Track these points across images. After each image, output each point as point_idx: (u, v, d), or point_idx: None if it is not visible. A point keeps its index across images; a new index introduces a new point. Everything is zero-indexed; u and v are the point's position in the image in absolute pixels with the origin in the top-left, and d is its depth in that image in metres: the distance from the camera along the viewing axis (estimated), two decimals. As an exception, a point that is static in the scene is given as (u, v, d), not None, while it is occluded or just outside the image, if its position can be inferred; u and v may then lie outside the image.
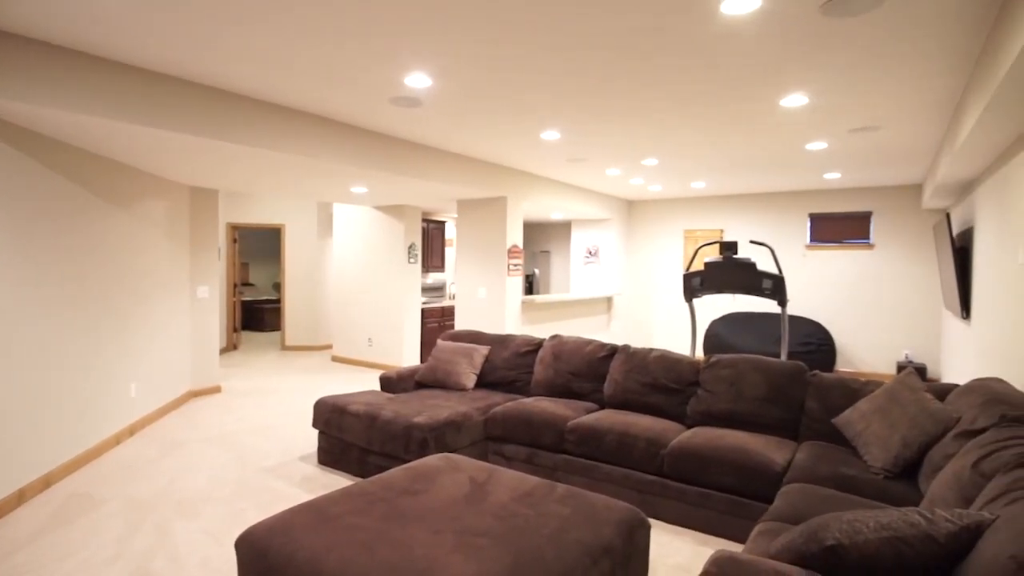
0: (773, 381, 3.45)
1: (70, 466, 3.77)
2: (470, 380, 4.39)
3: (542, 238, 11.09)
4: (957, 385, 3.04)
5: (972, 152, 3.66)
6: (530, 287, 10.13)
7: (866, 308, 7.59)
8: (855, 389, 3.26)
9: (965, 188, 5.26)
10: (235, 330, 9.45)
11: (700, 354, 8.63)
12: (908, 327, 7.35)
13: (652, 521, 3.17)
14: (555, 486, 2.53)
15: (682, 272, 8.95)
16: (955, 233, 5.70)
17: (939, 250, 5.75)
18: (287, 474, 3.77)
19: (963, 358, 5.12)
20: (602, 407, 4.01)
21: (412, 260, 7.56)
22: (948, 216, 4.79)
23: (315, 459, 4.05)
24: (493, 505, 2.32)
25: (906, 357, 7.33)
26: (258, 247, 13.99)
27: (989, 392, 2.62)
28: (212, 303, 6.08)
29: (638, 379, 3.85)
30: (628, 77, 3.35)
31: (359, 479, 3.69)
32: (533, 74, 3.32)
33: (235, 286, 9.42)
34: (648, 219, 9.27)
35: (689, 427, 3.60)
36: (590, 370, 4.11)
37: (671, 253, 9.07)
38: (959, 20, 2.57)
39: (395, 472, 2.65)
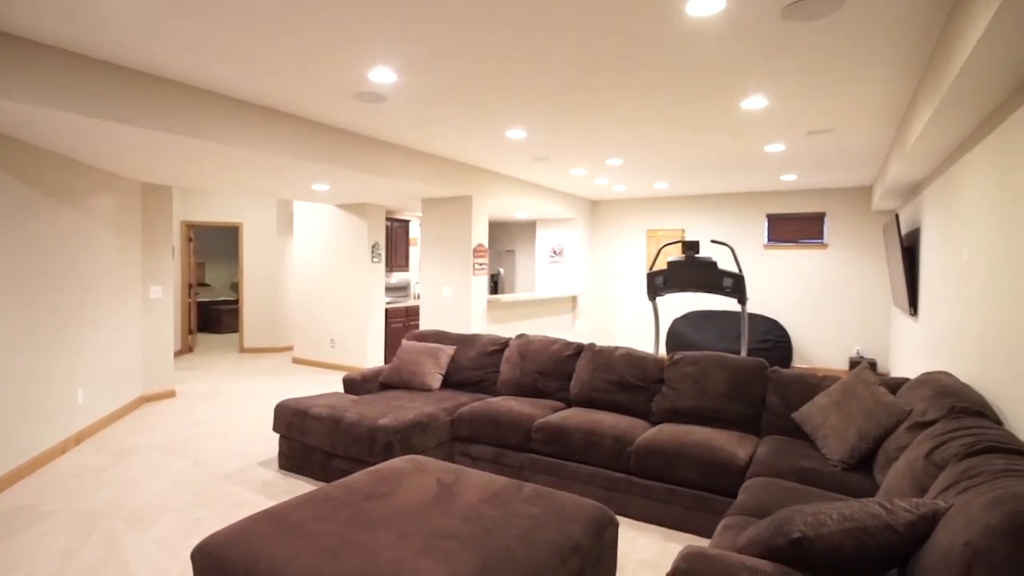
0: (735, 378, 3.52)
1: (11, 477, 3.56)
2: (436, 380, 4.34)
3: (507, 237, 11.09)
4: (907, 379, 3.16)
5: (920, 155, 3.81)
6: (495, 286, 10.12)
7: (820, 305, 7.85)
8: (813, 384, 3.36)
9: (913, 190, 5.49)
10: (191, 332, 9.13)
11: (663, 352, 8.77)
12: (859, 323, 7.63)
13: (619, 518, 3.19)
14: (523, 486, 2.52)
15: (645, 271, 9.08)
16: (903, 233, 5.94)
17: (888, 249, 5.98)
18: (247, 480, 3.65)
19: (911, 353, 5.34)
20: (569, 405, 4.02)
21: (376, 259, 7.44)
22: (897, 217, 4.99)
23: (276, 464, 3.94)
24: (461, 507, 2.30)
25: (857, 352, 7.61)
26: (215, 246, 13.56)
27: (938, 385, 2.73)
28: (165, 304, 5.85)
29: (604, 377, 3.87)
30: (594, 76, 3.36)
31: (322, 484, 3.61)
32: (498, 71, 3.30)
33: (190, 286, 9.10)
34: (612, 219, 9.37)
35: (654, 424, 3.64)
36: (556, 369, 4.11)
37: (634, 252, 9.19)
38: (910, 28, 2.67)
39: (360, 475, 2.59)
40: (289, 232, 9.15)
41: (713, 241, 5.59)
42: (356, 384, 4.33)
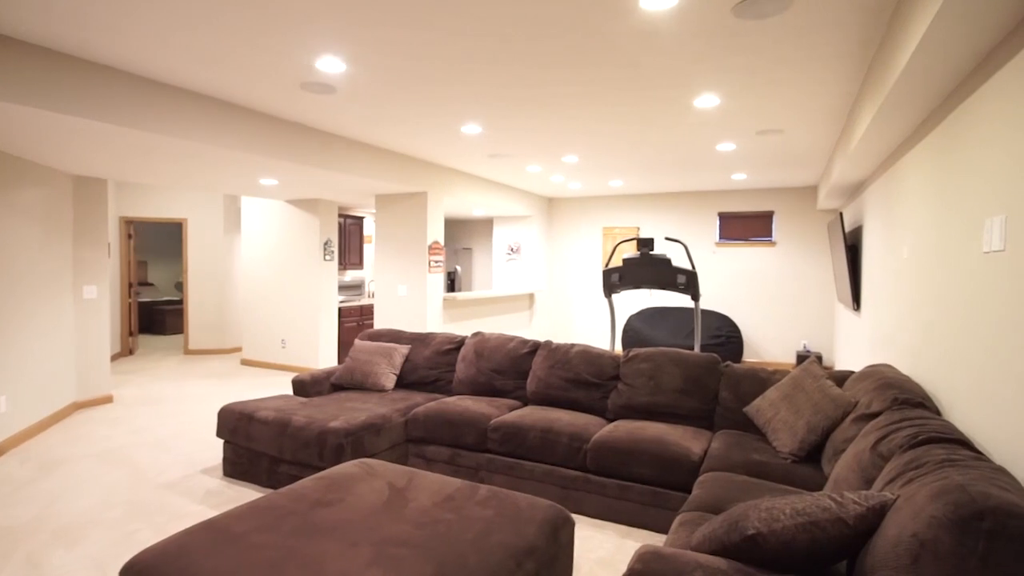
0: (689, 373, 3.56)
1: (-79, 494, 3.27)
2: (390, 381, 4.23)
3: (464, 234, 11.00)
4: (852, 372, 3.25)
5: (863, 155, 3.94)
6: (452, 284, 10.01)
7: (769, 302, 8.08)
8: (763, 378, 3.42)
9: (855, 189, 5.69)
10: (131, 334, 8.69)
11: (620, 348, 8.86)
12: (806, 319, 7.89)
13: (576, 516, 3.17)
14: (478, 487, 2.46)
15: (601, 268, 9.15)
16: (846, 231, 6.16)
17: (833, 247, 6.19)
18: (188, 490, 3.47)
19: (854, 347, 5.54)
20: (525, 404, 3.99)
21: (328, 257, 7.23)
22: (841, 215, 5.16)
23: (220, 471, 3.76)
24: (413, 512, 2.22)
25: (804, 347, 7.87)
26: (158, 244, 12.96)
27: (881, 377, 2.82)
28: (101, 304, 5.52)
29: (560, 375, 3.85)
30: (548, 71, 3.33)
31: (269, 491, 3.46)
32: (451, 63, 3.22)
33: (130, 286, 8.65)
34: (568, 216, 9.41)
35: (611, 421, 3.64)
36: (513, 367, 4.07)
37: (591, 250, 9.25)
38: (853, 30, 2.74)
39: (307, 482, 2.48)
40: (237, 229, 8.81)
41: (667, 238, 5.66)
42: (306, 386, 4.18)
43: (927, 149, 2.91)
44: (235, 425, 3.56)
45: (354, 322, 7.86)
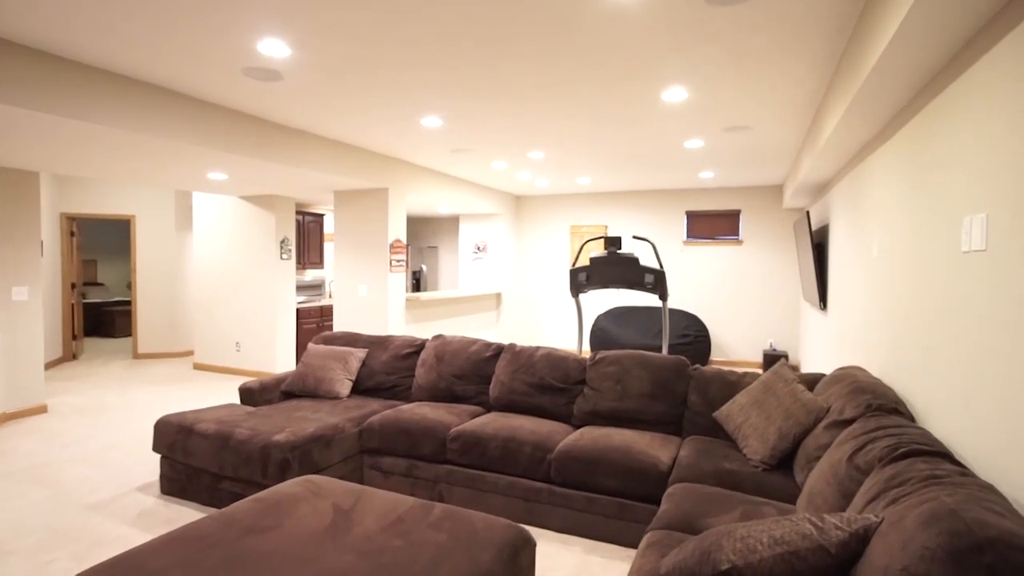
0: (656, 377, 3.42)
1: None
2: (345, 387, 3.99)
3: (429, 233, 10.74)
4: (823, 375, 3.16)
5: (831, 152, 3.87)
6: (418, 284, 9.76)
7: (736, 301, 8.06)
8: (733, 382, 3.31)
9: (822, 188, 5.67)
10: (74, 337, 8.20)
11: (587, 348, 8.75)
12: (772, 318, 7.89)
13: (539, 531, 3.00)
14: (432, 507, 2.27)
15: (569, 268, 9.02)
16: (813, 230, 6.14)
17: (799, 246, 6.17)
18: (120, 510, 3.18)
19: (821, 346, 5.52)
20: (488, 410, 3.80)
21: (285, 256, 6.92)
22: (808, 214, 5.11)
23: (158, 489, 3.48)
24: (358, 538, 2.02)
25: (771, 346, 7.88)
26: (108, 242, 12.36)
27: (853, 381, 2.72)
28: (34, 306, 5.13)
29: (524, 379, 3.68)
30: (512, 60, 3.14)
31: (212, 510, 3.20)
32: (406, 49, 3.01)
33: (73, 286, 8.16)
34: (536, 214, 9.25)
35: (576, 427, 3.48)
36: (475, 371, 3.88)
37: (559, 249, 9.11)
38: (823, 21, 2.63)
39: (242, 505, 2.25)
40: (189, 226, 8.39)
41: (635, 237, 5.54)
42: (254, 394, 3.91)
43: (899, 144, 2.83)
44: (173, 439, 3.29)
45: (314, 323, 7.56)
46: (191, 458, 3.21)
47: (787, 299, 7.83)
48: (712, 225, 8.19)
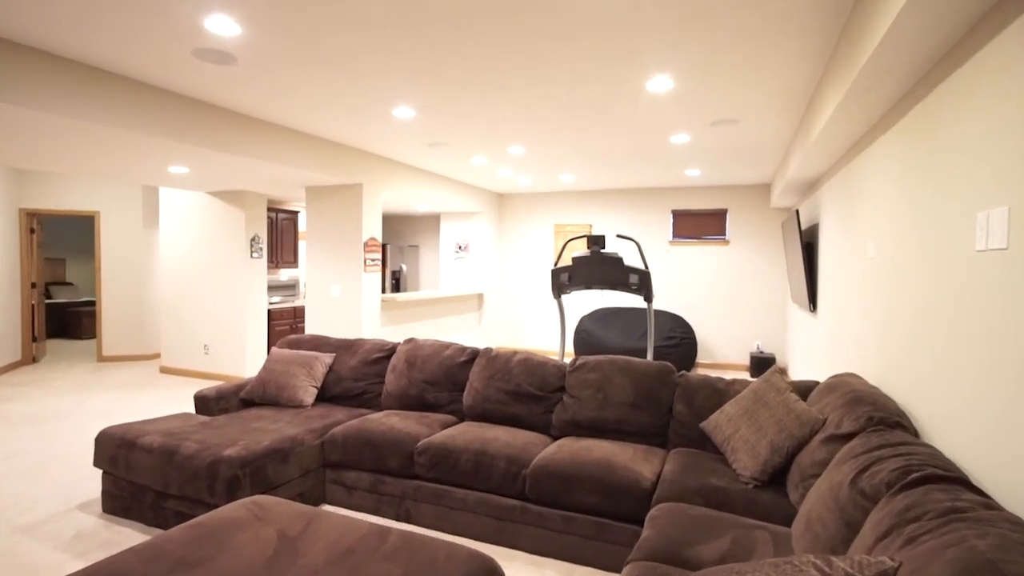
0: (640, 384, 3.20)
1: None
2: (309, 395, 3.73)
3: (409, 231, 10.47)
4: (817, 382, 2.97)
5: (824, 147, 3.68)
6: (397, 284, 9.49)
7: (723, 302, 7.90)
8: (721, 389, 3.10)
9: (811, 186, 5.50)
10: (34, 339, 7.83)
11: (570, 349, 8.54)
12: (759, 319, 7.74)
13: (512, 553, 2.77)
14: (388, 534, 2.03)
15: (552, 267, 8.80)
16: (802, 229, 5.98)
17: (787, 246, 6.01)
18: (54, 532, 2.90)
19: (809, 349, 5.35)
20: (461, 419, 3.57)
21: (256, 254, 6.62)
22: (797, 213, 4.93)
23: (99, 507, 3.19)
24: (303, 572, 1.77)
25: (757, 348, 7.72)
26: (77, 240, 11.94)
27: (849, 390, 2.53)
28: (-22, 308, 4.80)
29: (500, 386, 3.44)
30: (485, 43, 2.91)
31: (156, 531, 2.93)
32: (371, 30, 2.76)
33: (33, 285, 7.79)
34: (518, 213, 9.02)
35: (555, 438, 3.26)
36: (448, 378, 3.64)
37: (542, 248, 8.89)
38: (818, 2, 2.43)
39: (173, 534, 1.99)
40: (157, 223, 8.05)
41: (619, 236, 5.33)
42: (209, 403, 3.63)
43: (900, 134, 2.63)
44: (114, 452, 3.01)
45: (287, 325, 7.27)
46: (134, 474, 2.94)
47: (774, 300, 7.68)
48: (698, 224, 8.02)
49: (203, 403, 3.64)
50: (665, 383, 3.21)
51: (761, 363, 7.23)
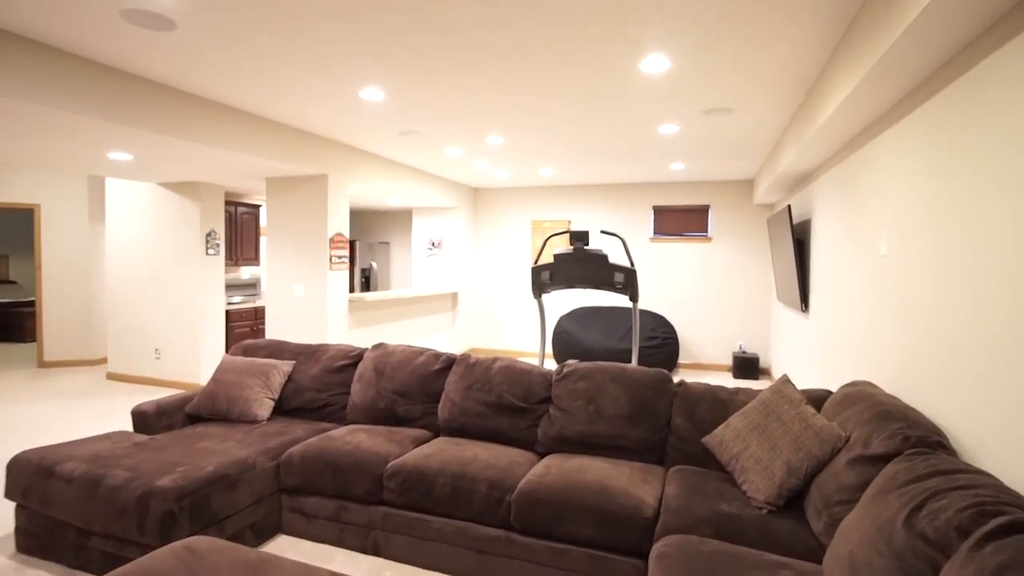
0: (635, 395, 2.90)
1: None
2: (264, 408, 3.33)
3: (380, 227, 10.03)
4: (829, 392, 2.70)
5: (827, 137, 3.43)
6: (367, 282, 9.05)
7: (705, 301, 7.69)
8: (724, 400, 2.81)
9: (801, 181, 5.29)
10: (-34, 343, 7.18)
11: (550, 350, 8.24)
12: (742, 319, 7.55)
13: (496, 589, 2.44)
14: (349, 590, 1.67)
15: (531, 265, 8.48)
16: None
17: (775, 243, 5.80)
18: (-46, 576, 2.46)
19: (800, 352, 5.14)
20: (437, 434, 3.22)
21: (212, 251, 6.14)
22: (789, 208, 4.70)
23: (13, 545, 2.75)
24: (236, 650, 1.41)
25: (740, 348, 7.53)
26: (22, 235, 11.17)
27: (873, 403, 2.26)
28: None
29: (479, 397, 3.10)
30: (459, 13, 2.56)
31: (81, 574, 2.51)
32: (330, -10, 2.39)
33: (-35, 285, 7.14)
34: (495, 208, 8.67)
35: (541, 456, 2.94)
36: (421, 388, 3.28)
37: (520, 245, 8.56)
38: (848, -39, 2.15)
39: (78, 598, 1.60)
40: (104, 217, 7.46)
41: (603, 232, 5.04)
42: (149, 419, 3.21)
43: (927, 117, 2.37)
44: (29, 482, 2.57)
45: (247, 327, 6.79)
46: (51, 508, 2.51)
47: (758, 300, 7.49)
48: (680, 221, 7.79)
49: (142, 420, 3.21)
50: (662, 393, 2.91)
51: (744, 364, 7.04)
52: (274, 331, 5.66)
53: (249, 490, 2.68)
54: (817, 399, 2.66)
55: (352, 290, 8.76)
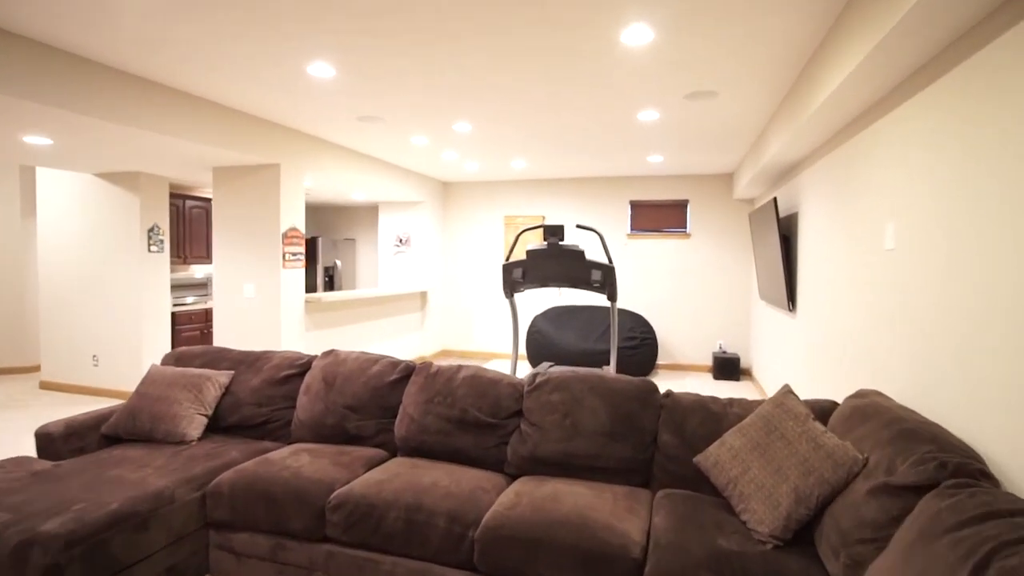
0: (617, 408, 2.56)
1: None
2: (195, 426, 2.90)
3: (345, 223, 9.56)
4: (835, 403, 2.40)
5: (823, 121, 3.14)
6: (331, 282, 8.58)
7: (683, 299, 7.43)
8: (716, 413, 2.49)
9: (786, 173, 5.03)
10: None
11: (523, 351, 7.90)
12: (721, 317, 7.31)
13: (458, 642, 2.08)
14: None
15: (503, 262, 8.12)
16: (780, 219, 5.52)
17: (757, 239, 5.54)
18: None
19: (785, 353, 4.88)
20: (393, 454, 2.84)
21: (155, 247, 5.63)
22: (775, 201, 4.43)
23: None
24: None
25: (720, 347, 7.30)
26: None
27: (889, 418, 1.96)
28: None
29: (441, 412, 2.73)
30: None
31: (-50, 633, 2.06)
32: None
33: None
34: (465, 203, 8.29)
35: (511, 478, 2.58)
36: (375, 401, 2.90)
37: (491, 241, 8.19)
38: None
39: None
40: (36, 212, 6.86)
41: (579, 226, 4.70)
42: (56, 442, 2.75)
43: (935, 99, 2.08)
44: None
45: (197, 330, 6.29)
46: (-85, 558, 2.06)
47: (737, 297, 7.26)
48: (658, 216, 7.52)
49: (47, 443, 2.76)
50: (647, 405, 2.58)
51: (725, 364, 6.79)
52: (223, 336, 5.19)
53: (166, 528, 2.26)
54: (821, 412, 2.36)
55: (315, 290, 8.29)
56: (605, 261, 7.12)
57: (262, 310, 5.01)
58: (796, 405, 2.20)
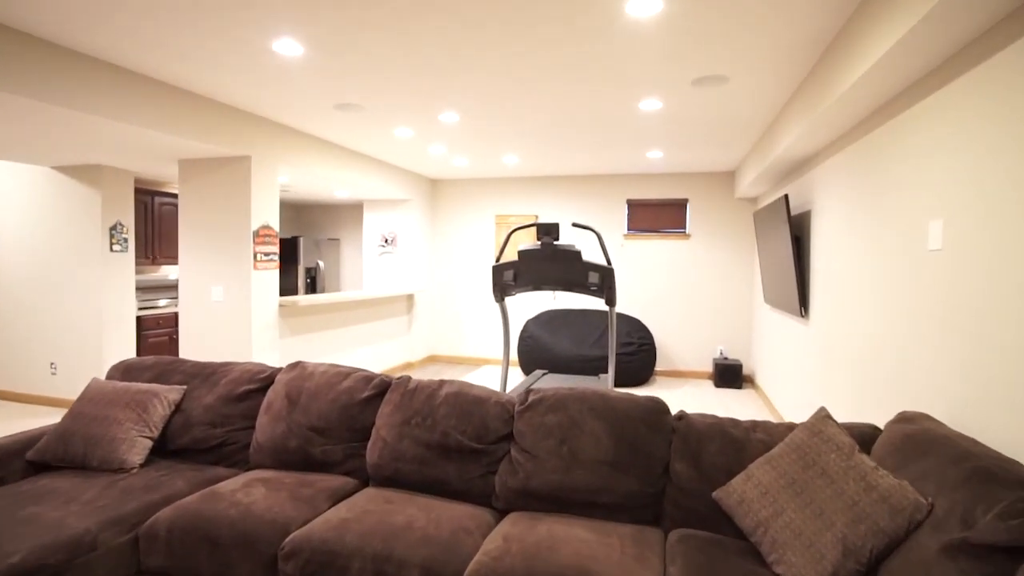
0: (622, 432, 2.21)
1: None
2: (137, 451, 2.52)
3: (329, 223, 9.17)
4: (876, 428, 2.06)
5: (848, 106, 2.82)
6: (313, 284, 8.19)
7: (683, 302, 7.11)
8: (737, 439, 2.15)
9: (794, 169, 4.71)
10: None
11: (515, 357, 7.55)
12: (721, 321, 7.00)
13: None
14: None
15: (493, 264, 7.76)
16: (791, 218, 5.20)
17: (763, 240, 5.22)
18: None
19: (795, 361, 4.56)
20: (365, 484, 2.48)
21: (118, 247, 5.23)
22: (787, 199, 4.11)
23: None
24: None
25: (721, 353, 6.98)
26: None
27: (956, 453, 1.63)
28: None
29: (419, 436, 2.37)
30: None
31: None
32: None
33: None
34: (455, 201, 7.93)
35: (500, 514, 2.23)
36: (345, 422, 2.53)
37: (482, 242, 7.84)
38: None
39: None
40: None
41: (574, 225, 4.35)
42: (-30, 470, 2.37)
43: (1006, 64, 1.74)
44: None
45: (165, 336, 5.89)
46: None
47: (739, 301, 6.94)
48: (656, 216, 7.19)
49: (-40, 471, 2.37)
50: (657, 429, 2.23)
51: (726, 371, 6.47)
52: (189, 343, 4.80)
53: (85, 581, 1.89)
54: (861, 438, 2.02)
55: (297, 292, 7.90)
56: (603, 262, 6.77)
57: (231, 314, 4.63)
58: (836, 434, 1.86)
